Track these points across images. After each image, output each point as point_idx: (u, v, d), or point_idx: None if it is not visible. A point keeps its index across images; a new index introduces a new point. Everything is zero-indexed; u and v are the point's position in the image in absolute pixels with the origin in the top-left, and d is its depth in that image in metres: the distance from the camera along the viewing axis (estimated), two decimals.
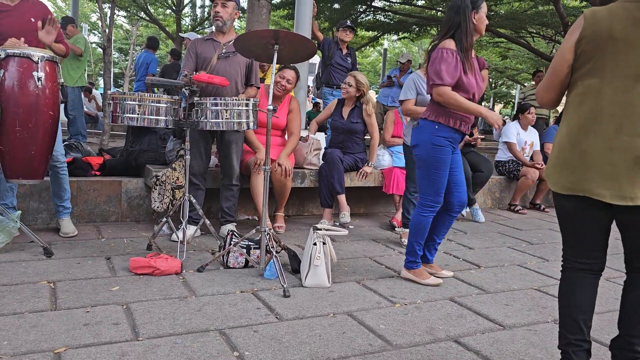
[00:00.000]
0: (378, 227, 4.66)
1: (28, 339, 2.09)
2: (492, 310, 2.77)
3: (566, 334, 1.89)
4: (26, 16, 3.35)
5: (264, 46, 3.04)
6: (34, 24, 3.34)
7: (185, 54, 3.87)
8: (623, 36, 1.71)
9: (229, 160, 3.84)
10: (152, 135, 4.48)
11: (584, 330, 1.87)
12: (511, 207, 5.95)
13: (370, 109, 4.58)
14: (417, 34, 15.37)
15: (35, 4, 3.43)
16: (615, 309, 2.88)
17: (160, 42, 10.00)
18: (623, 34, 1.71)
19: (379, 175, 4.82)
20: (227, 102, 3.15)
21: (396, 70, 8.15)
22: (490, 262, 3.73)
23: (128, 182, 4.23)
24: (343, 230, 3.19)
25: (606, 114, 1.73)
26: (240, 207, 4.55)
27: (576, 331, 1.88)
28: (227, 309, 2.53)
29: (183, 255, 3.24)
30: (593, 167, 1.74)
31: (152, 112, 3.05)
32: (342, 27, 6.39)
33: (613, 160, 1.71)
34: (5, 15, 3.32)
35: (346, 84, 4.51)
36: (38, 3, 3.47)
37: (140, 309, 2.46)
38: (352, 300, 2.77)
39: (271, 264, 2.99)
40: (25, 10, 3.36)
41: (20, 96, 2.97)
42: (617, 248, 4.31)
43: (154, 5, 18.85)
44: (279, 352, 2.13)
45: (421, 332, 2.43)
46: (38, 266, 2.97)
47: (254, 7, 6.34)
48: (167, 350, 2.08)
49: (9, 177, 3.10)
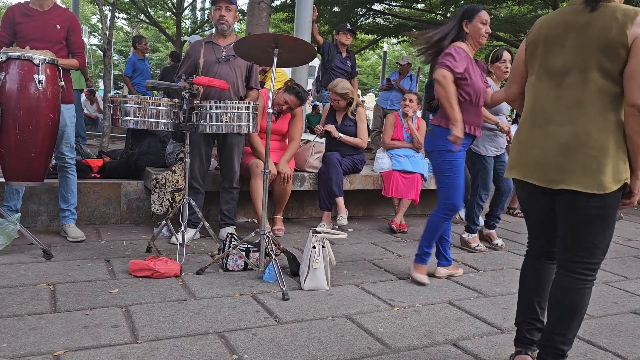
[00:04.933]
0: (377, 230, 4.67)
1: (27, 342, 2.09)
2: (490, 313, 2.77)
3: (521, 313, 2.08)
4: (51, 23, 3.39)
5: (264, 50, 3.05)
6: (60, 32, 3.39)
7: (183, 57, 3.88)
8: (552, 37, 1.91)
9: (231, 164, 3.85)
10: (152, 137, 4.49)
11: (537, 311, 2.04)
12: (510, 211, 5.96)
13: (362, 115, 4.60)
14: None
15: (63, 13, 3.47)
16: (614, 314, 2.89)
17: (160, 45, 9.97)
18: (552, 35, 1.91)
19: (378, 178, 4.83)
20: (227, 105, 3.16)
21: (395, 74, 8.15)
22: (488, 265, 3.73)
23: (128, 184, 4.24)
24: (342, 234, 3.20)
25: (539, 106, 1.93)
26: (240, 210, 4.55)
27: (530, 311, 2.05)
28: (226, 312, 2.54)
29: (182, 257, 3.25)
30: (528, 154, 1.93)
31: (152, 115, 3.06)
32: (341, 31, 6.41)
33: (543, 148, 1.88)
34: (31, 19, 3.36)
35: (334, 100, 4.53)
36: (66, 12, 3.51)
37: (140, 312, 2.47)
38: (351, 303, 2.77)
39: (270, 266, 3.00)
40: (51, 17, 3.40)
41: (21, 99, 2.98)
42: (617, 252, 4.34)
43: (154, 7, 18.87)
44: (278, 355, 2.14)
45: (420, 336, 2.43)
46: (37, 268, 2.97)
47: (254, 10, 6.36)
48: (166, 353, 2.09)
49: (9, 179, 3.11)
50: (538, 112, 1.92)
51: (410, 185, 4.64)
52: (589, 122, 1.79)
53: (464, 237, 4.21)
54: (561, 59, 1.87)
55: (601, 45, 1.77)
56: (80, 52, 3.54)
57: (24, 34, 3.35)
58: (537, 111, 1.93)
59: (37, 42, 3.25)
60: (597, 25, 1.80)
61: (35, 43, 3.23)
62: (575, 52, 1.84)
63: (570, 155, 1.81)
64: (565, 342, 1.89)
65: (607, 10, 1.80)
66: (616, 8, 1.79)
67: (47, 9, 3.41)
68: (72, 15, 3.53)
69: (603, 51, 1.77)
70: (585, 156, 1.78)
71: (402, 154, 4.81)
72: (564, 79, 1.86)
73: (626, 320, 2.80)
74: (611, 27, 1.76)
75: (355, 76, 6.63)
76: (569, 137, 1.81)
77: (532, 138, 1.92)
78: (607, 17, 1.78)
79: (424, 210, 5.55)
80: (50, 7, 3.43)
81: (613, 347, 2.44)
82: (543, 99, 1.92)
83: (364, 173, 4.82)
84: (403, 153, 4.81)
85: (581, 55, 1.82)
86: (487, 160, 4.03)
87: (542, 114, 1.90)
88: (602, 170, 1.76)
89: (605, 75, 1.78)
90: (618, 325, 2.72)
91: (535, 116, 1.93)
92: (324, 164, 4.47)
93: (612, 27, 1.76)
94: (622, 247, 4.61)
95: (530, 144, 1.92)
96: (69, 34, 3.47)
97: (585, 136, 1.78)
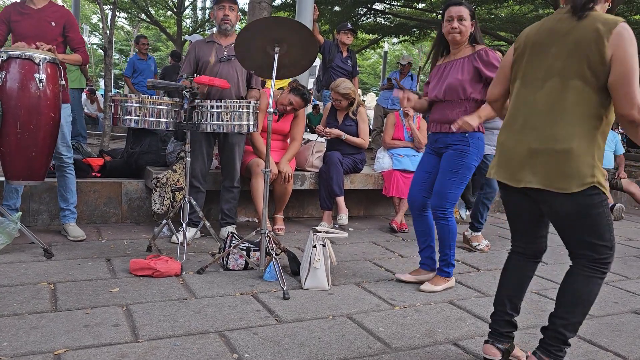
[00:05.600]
0: (378, 229, 4.67)
1: (28, 340, 2.10)
2: (491, 313, 2.76)
3: (495, 305, 2.19)
4: (46, 20, 3.38)
5: (264, 52, 3.02)
6: (55, 29, 3.38)
7: (185, 56, 3.88)
8: (538, 43, 1.97)
9: (232, 163, 3.85)
10: (152, 137, 4.49)
11: (506, 305, 2.15)
12: None
13: (363, 115, 4.60)
14: (418, 36, 15.40)
15: (58, 10, 3.46)
16: (614, 313, 2.89)
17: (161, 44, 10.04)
18: (536, 41, 1.97)
19: (378, 178, 4.83)
20: (228, 105, 3.16)
21: (396, 73, 8.16)
22: (489, 265, 3.73)
23: (128, 183, 4.24)
24: (343, 233, 3.20)
25: (519, 111, 2.00)
26: (240, 209, 4.56)
27: (500, 303, 2.17)
28: (226, 311, 2.54)
29: (183, 257, 3.25)
30: (503, 156, 2.03)
31: (152, 114, 3.06)
32: (342, 30, 6.41)
33: (515, 150, 1.97)
34: (26, 17, 3.36)
35: (336, 100, 4.53)
36: (61, 9, 3.50)
37: (140, 311, 2.47)
38: (352, 303, 2.77)
39: (271, 266, 3.00)
40: (46, 14, 3.40)
41: (22, 98, 2.98)
42: (618, 252, 4.32)
43: (155, 7, 18.89)
44: (279, 354, 2.14)
45: (420, 335, 2.43)
46: (38, 267, 2.98)
47: (254, 10, 6.37)
48: (166, 352, 2.09)
49: (10, 178, 3.11)
50: (517, 115, 2.00)
51: None
52: (560, 127, 1.86)
53: (466, 234, 4.21)
54: (544, 65, 1.93)
55: (582, 54, 1.83)
56: (81, 47, 3.53)
57: (19, 32, 3.34)
58: (516, 115, 2.00)
59: (32, 40, 3.23)
60: (579, 33, 1.85)
61: (30, 40, 3.22)
62: (558, 59, 1.89)
63: (536, 156, 1.90)
64: (567, 326, 1.96)
65: (589, 19, 1.85)
66: (597, 18, 1.84)
67: (41, 6, 3.40)
68: (67, 11, 3.53)
69: (584, 59, 1.82)
70: (548, 157, 1.87)
71: (403, 153, 4.81)
72: (545, 84, 1.92)
73: (627, 319, 2.80)
74: (592, 38, 1.81)
75: (356, 76, 6.63)
76: (538, 140, 1.90)
77: (508, 140, 2.01)
78: (589, 26, 1.83)
79: None
80: (45, 4, 3.42)
81: (614, 346, 2.44)
82: (522, 104, 1.99)
83: (365, 172, 4.82)
84: (404, 152, 4.82)
85: (563, 62, 1.87)
86: (488, 158, 4.03)
87: (520, 117, 1.98)
88: (565, 172, 1.84)
89: (586, 83, 1.83)
90: (619, 325, 2.72)
91: (514, 120, 2.01)
92: (324, 164, 4.47)
93: (593, 38, 1.81)
94: (623, 247, 4.61)
95: (506, 146, 2.01)
96: (67, 31, 3.46)
97: (553, 140, 1.87)
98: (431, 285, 3.04)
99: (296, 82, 4.26)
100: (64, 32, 3.45)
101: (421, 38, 15.76)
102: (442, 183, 2.97)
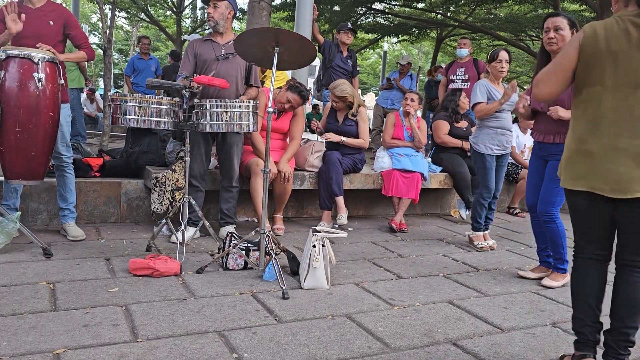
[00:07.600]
0: (377, 229, 4.67)
1: (27, 340, 2.09)
2: (490, 313, 2.77)
3: (582, 317, 2.12)
4: (45, 19, 3.38)
5: (264, 49, 3.04)
6: (53, 27, 3.37)
7: (183, 56, 3.88)
8: (619, 49, 1.92)
9: (230, 162, 3.85)
10: (152, 136, 4.48)
11: (596, 313, 2.10)
12: (510, 210, 5.96)
13: (364, 115, 4.60)
14: (417, 36, 15.38)
15: (56, 8, 3.45)
16: None
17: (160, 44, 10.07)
18: (619, 48, 1.92)
19: (378, 178, 4.83)
20: (227, 104, 3.16)
21: (396, 73, 8.16)
22: (488, 265, 3.73)
23: (128, 183, 4.24)
24: (342, 233, 3.20)
25: (607, 118, 1.94)
26: (240, 209, 4.55)
27: (590, 314, 2.10)
28: (226, 311, 2.53)
29: (182, 256, 3.25)
30: (596, 166, 1.96)
31: (152, 114, 3.06)
32: (342, 30, 6.41)
33: (613, 159, 1.93)
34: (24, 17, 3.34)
35: (333, 101, 4.54)
36: (59, 7, 3.50)
37: (140, 310, 2.47)
38: (351, 303, 2.77)
39: (270, 265, 2.99)
40: (45, 13, 3.39)
41: (21, 97, 2.97)
42: None
43: (155, 6, 18.87)
44: (278, 353, 2.14)
45: (420, 335, 2.43)
46: (37, 267, 2.97)
47: (254, 9, 6.36)
48: (166, 351, 2.09)
49: (9, 177, 3.10)
50: (603, 124, 1.95)
51: (410, 185, 4.64)
52: None
53: (468, 234, 4.26)
54: (631, 72, 1.90)
55: None
56: (85, 43, 3.53)
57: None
58: (604, 123, 1.95)
59: (31, 39, 3.21)
60: None
61: (28, 40, 3.21)
62: None
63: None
64: (635, 333, 2.03)
65: None
66: None
67: (39, 5, 3.39)
68: (65, 10, 3.52)
69: None
70: None
71: (403, 153, 4.81)
72: (637, 91, 1.90)
73: None
74: None
75: (356, 75, 6.64)
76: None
77: (601, 150, 1.95)
78: None
79: (424, 210, 5.55)
80: (42, 3, 3.41)
81: None
82: (612, 111, 1.94)
83: (364, 172, 4.82)
84: (403, 152, 4.82)
85: None
86: (487, 158, 4.02)
87: (611, 125, 1.94)
88: None
89: None
90: None
91: (602, 128, 1.95)
92: (324, 163, 4.47)
93: None
94: None
95: (600, 156, 1.95)
96: (69, 29, 3.46)
97: None
98: (550, 280, 3.29)
99: (294, 80, 4.26)
100: (64, 31, 3.45)
101: (420, 38, 15.74)
102: (547, 191, 3.18)
